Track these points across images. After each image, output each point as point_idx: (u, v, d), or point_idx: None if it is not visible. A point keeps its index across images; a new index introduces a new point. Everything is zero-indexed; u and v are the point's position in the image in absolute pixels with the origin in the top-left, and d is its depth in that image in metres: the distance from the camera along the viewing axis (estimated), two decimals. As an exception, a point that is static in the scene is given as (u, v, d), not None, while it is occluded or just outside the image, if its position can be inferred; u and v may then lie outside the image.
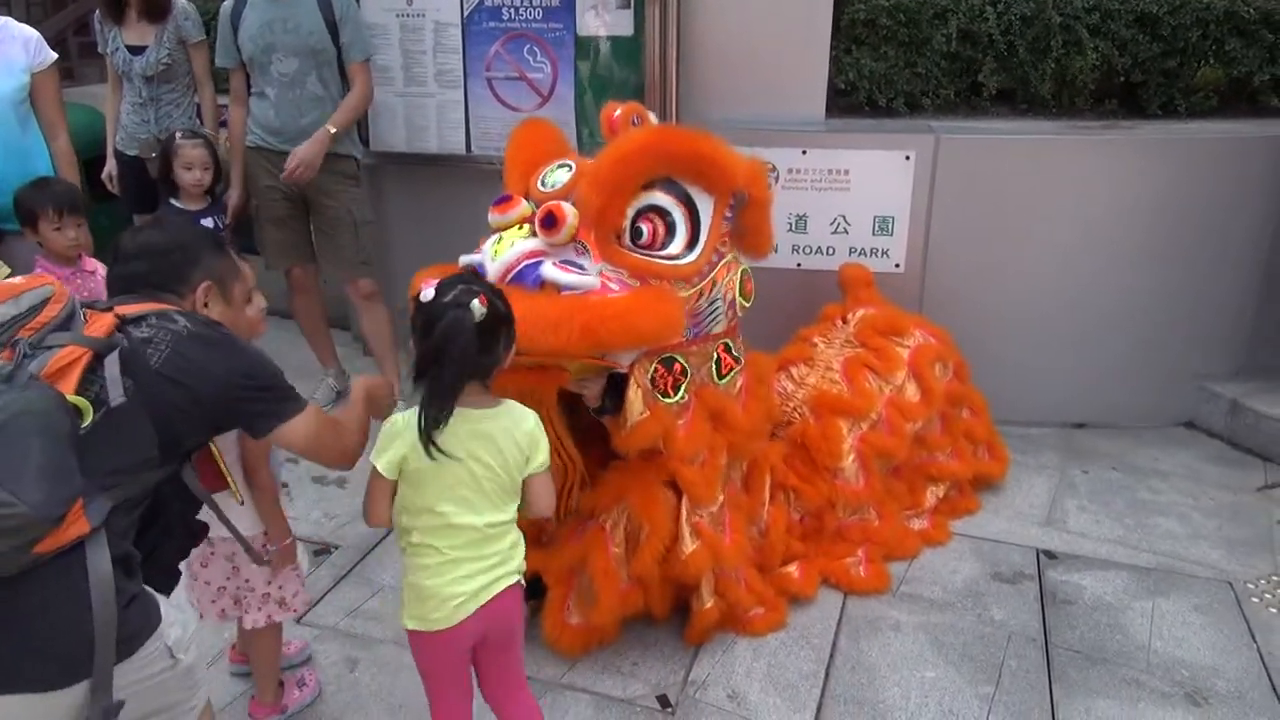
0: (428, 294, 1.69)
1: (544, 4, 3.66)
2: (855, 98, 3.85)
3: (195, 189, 3.41)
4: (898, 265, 3.65)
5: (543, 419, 2.14)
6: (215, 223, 3.45)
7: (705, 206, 2.34)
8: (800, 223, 3.67)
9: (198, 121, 3.80)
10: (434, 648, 1.84)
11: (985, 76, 3.83)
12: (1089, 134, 3.65)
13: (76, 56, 6.35)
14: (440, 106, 3.93)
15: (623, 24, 3.62)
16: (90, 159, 4.24)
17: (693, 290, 2.31)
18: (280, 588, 2.18)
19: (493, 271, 2.17)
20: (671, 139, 2.31)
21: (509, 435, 1.79)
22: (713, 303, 2.37)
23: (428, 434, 1.70)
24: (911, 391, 2.97)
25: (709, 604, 2.45)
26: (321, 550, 3.00)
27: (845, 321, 3.19)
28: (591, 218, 2.18)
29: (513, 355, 1.82)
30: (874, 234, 3.63)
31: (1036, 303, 3.68)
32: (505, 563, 1.84)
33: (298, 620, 2.58)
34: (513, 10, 3.71)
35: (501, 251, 2.18)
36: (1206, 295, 3.69)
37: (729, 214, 2.40)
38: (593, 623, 2.42)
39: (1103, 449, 3.65)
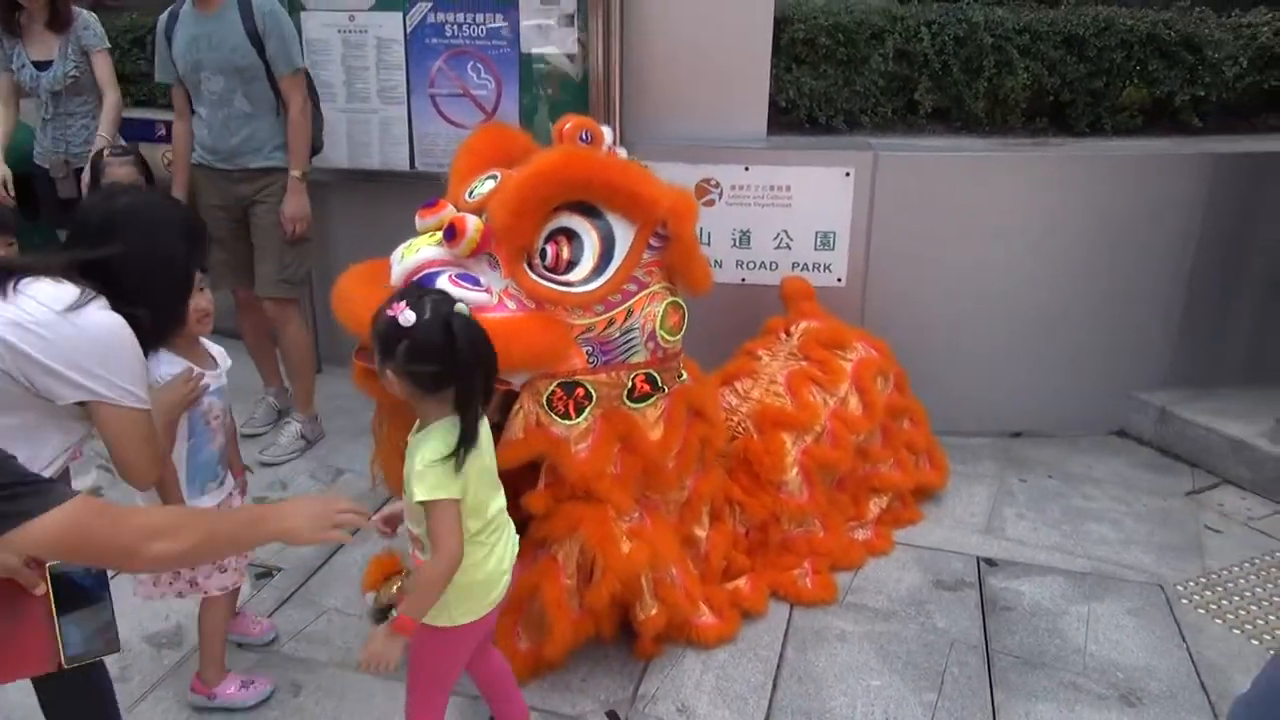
0: (408, 317, 1.69)
1: (487, 22, 3.67)
2: (796, 115, 3.92)
3: None
4: (840, 280, 3.71)
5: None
6: None
7: (623, 234, 2.31)
8: (744, 238, 3.72)
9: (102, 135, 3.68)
10: (474, 634, 1.95)
11: (921, 95, 3.92)
12: (1021, 151, 3.77)
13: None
14: (383, 122, 3.91)
15: (566, 41, 3.65)
16: (21, 174, 4.15)
17: (597, 319, 2.28)
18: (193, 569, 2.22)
19: (396, 275, 2.18)
20: (580, 165, 2.25)
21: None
22: (627, 332, 2.33)
23: (473, 435, 1.76)
24: (854, 404, 3.02)
25: (654, 610, 2.44)
26: (264, 573, 2.95)
27: (788, 334, 3.23)
28: (497, 235, 2.18)
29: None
30: (816, 249, 3.69)
31: (973, 315, 3.77)
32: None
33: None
34: (456, 27, 3.71)
35: (408, 256, 2.19)
36: (1134, 307, 3.82)
37: (655, 242, 2.36)
38: (544, 654, 2.39)
39: (1039, 457, 3.75)
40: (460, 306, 1.76)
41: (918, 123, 4.02)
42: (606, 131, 2.50)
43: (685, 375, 2.57)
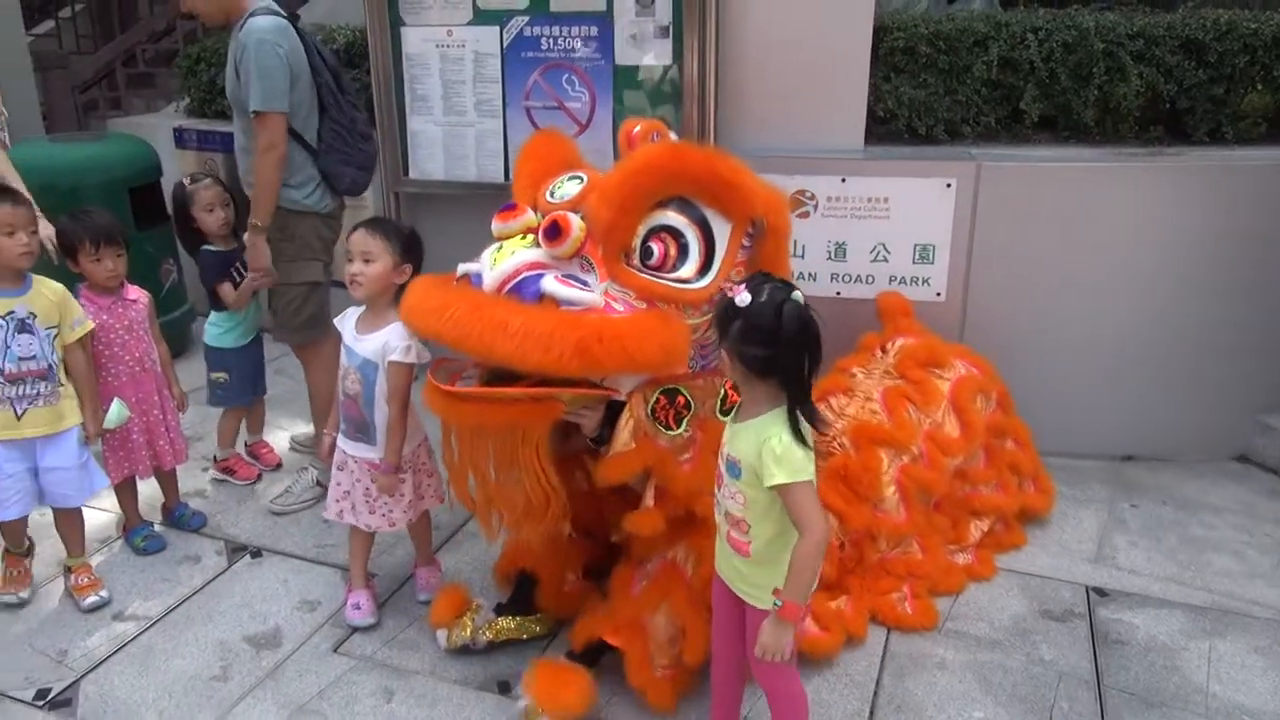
0: (744, 298, 1.77)
1: (582, 34, 3.68)
2: (894, 125, 3.83)
3: (223, 228, 3.34)
4: (939, 294, 3.60)
5: (527, 452, 2.12)
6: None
7: (721, 231, 2.21)
8: (839, 251, 3.63)
9: None
10: None
11: (1027, 103, 3.78)
12: (1134, 161, 3.60)
13: (124, 86, 6.50)
14: (479, 135, 3.95)
15: (661, 53, 3.63)
16: (136, 187, 4.34)
17: (702, 319, 2.19)
18: (390, 510, 2.68)
19: (489, 281, 2.09)
20: (687, 157, 2.17)
21: None
22: None
23: (808, 417, 1.83)
24: (951, 426, 2.91)
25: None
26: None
27: (884, 351, 3.14)
28: (599, 233, 2.09)
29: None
30: (914, 262, 3.59)
31: (1082, 332, 3.61)
32: None
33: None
34: (551, 40, 3.73)
35: (500, 260, 2.11)
36: (1258, 325, 3.59)
37: (746, 242, 2.27)
38: (685, 661, 2.31)
39: (1153, 482, 3.56)
40: (796, 295, 1.80)
41: (1023, 132, 3.88)
42: (673, 134, 2.42)
43: None
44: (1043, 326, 3.61)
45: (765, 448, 1.82)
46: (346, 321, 2.67)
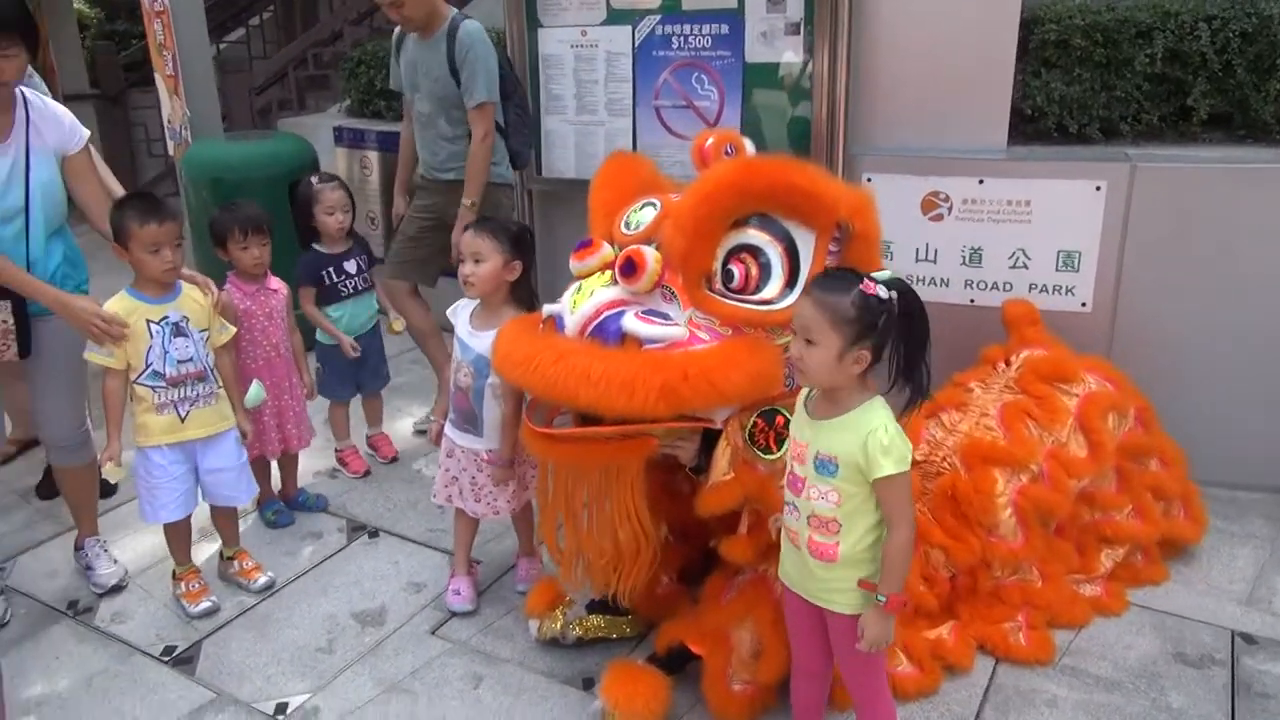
0: (884, 291, 1.78)
1: (713, 32, 3.65)
2: (1044, 124, 3.59)
3: (339, 232, 3.49)
4: (1084, 304, 3.35)
5: (622, 489, 2.10)
6: (358, 265, 3.54)
7: (805, 242, 2.10)
8: (975, 256, 3.45)
9: None
10: None
11: (1196, 99, 3.46)
12: (1319, 163, 3.23)
13: (297, 89, 6.96)
14: (609, 134, 3.99)
15: (792, 50, 3.55)
16: (296, 182, 4.62)
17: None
18: (495, 498, 2.75)
19: (571, 325, 2.08)
20: (758, 173, 2.08)
21: None
22: None
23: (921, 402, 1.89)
24: (1077, 445, 2.69)
25: None
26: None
27: (1008, 364, 2.93)
28: (676, 262, 2.04)
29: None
30: (1057, 270, 3.35)
31: (1247, 351, 3.26)
32: None
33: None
34: (682, 39, 3.72)
35: (580, 302, 2.08)
36: None
37: (833, 247, 2.16)
38: (760, 680, 2.25)
39: (1325, 521, 3.19)
40: (901, 279, 1.84)
41: (1190, 131, 3.56)
42: (748, 144, 2.33)
43: None
44: (1201, 342, 3.30)
45: (871, 439, 1.79)
46: (460, 315, 2.74)
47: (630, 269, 2.03)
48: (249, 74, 6.57)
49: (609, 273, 2.12)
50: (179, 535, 2.85)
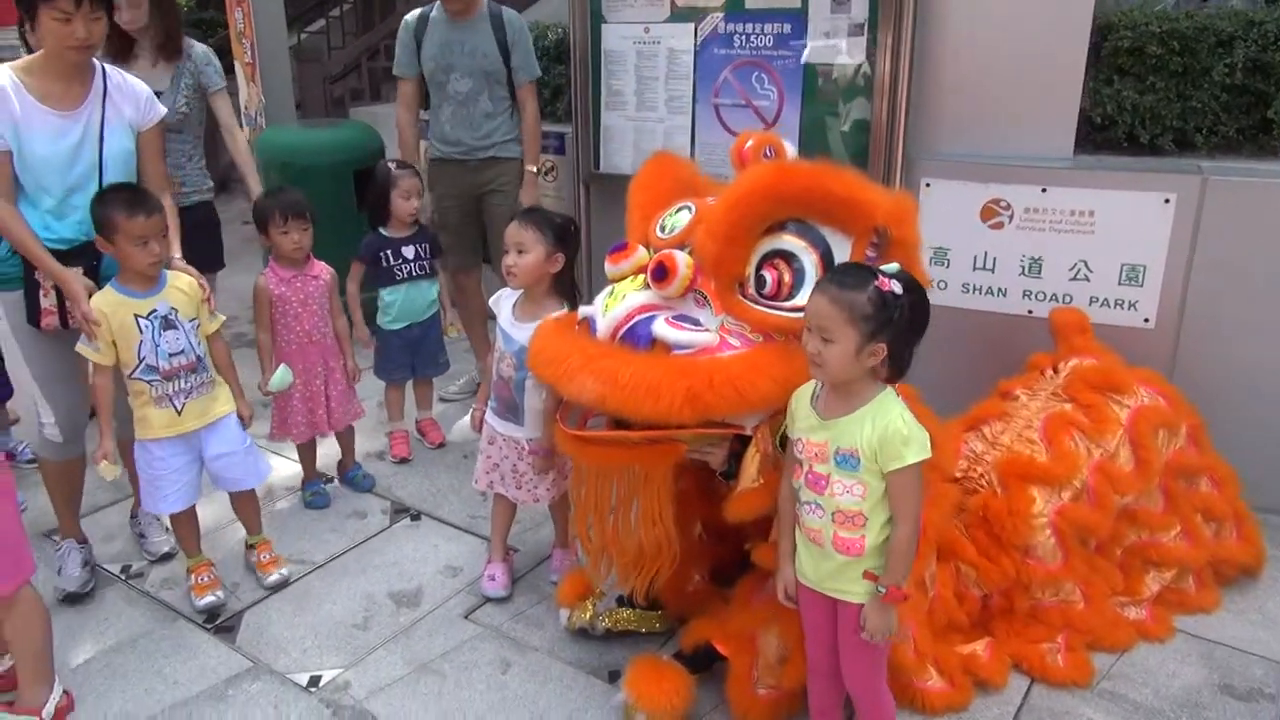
0: (897, 286, 1.80)
1: (775, 31, 3.62)
2: (1113, 133, 3.49)
3: (410, 216, 3.57)
4: (1147, 320, 3.24)
5: (649, 493, 2.11)
6: (418, 251, 3.61)
7: (841, 247, 2.08)
8: (1034, 266, 3.36)
9: (207, 176, 3.64)
10: None
11: (1277, 111, 3.33)
12: (1407, 182, 3.08)
13: (368, 78, 7.10)
14: (668, 131, 3.98)
15: (855, 50, 3.50)
16: (361, 170, 4.73)
17: None
18: (534, 486, 2.79)
19: (602, 328, 2.08)
20: (792, 178, 2.06)
21: None
22: None
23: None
24: (1126, 458, 2.60)
25: None
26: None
27: (1055, 372, 2.86)
28: (708, 267, 2.04)
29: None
30: (1120, 283, 3.25)
31: (1319, 375, 3.14)
32: None
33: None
34: (744, 38, 3.70)
35: (612, 306, 2.09)
36: None
37: (871, 253, 2.12)
38: (784, 686, 2.24)
39: (1396, 557, 3.03)
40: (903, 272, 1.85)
41: (1270, 144, 3.43)
42: (789, 146, 2.30)
43: None
44: (1270, 364, 3.17)
45: (891, 430, 1.81)
46: (503, 304, 2.77)
47: (661, 274, 2.04)
48: (325, 63, 6.73)
49: (642, 277, 2.13)
50: (186, 527, 2.85)
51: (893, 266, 1.85)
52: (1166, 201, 3.15)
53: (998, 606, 2.56)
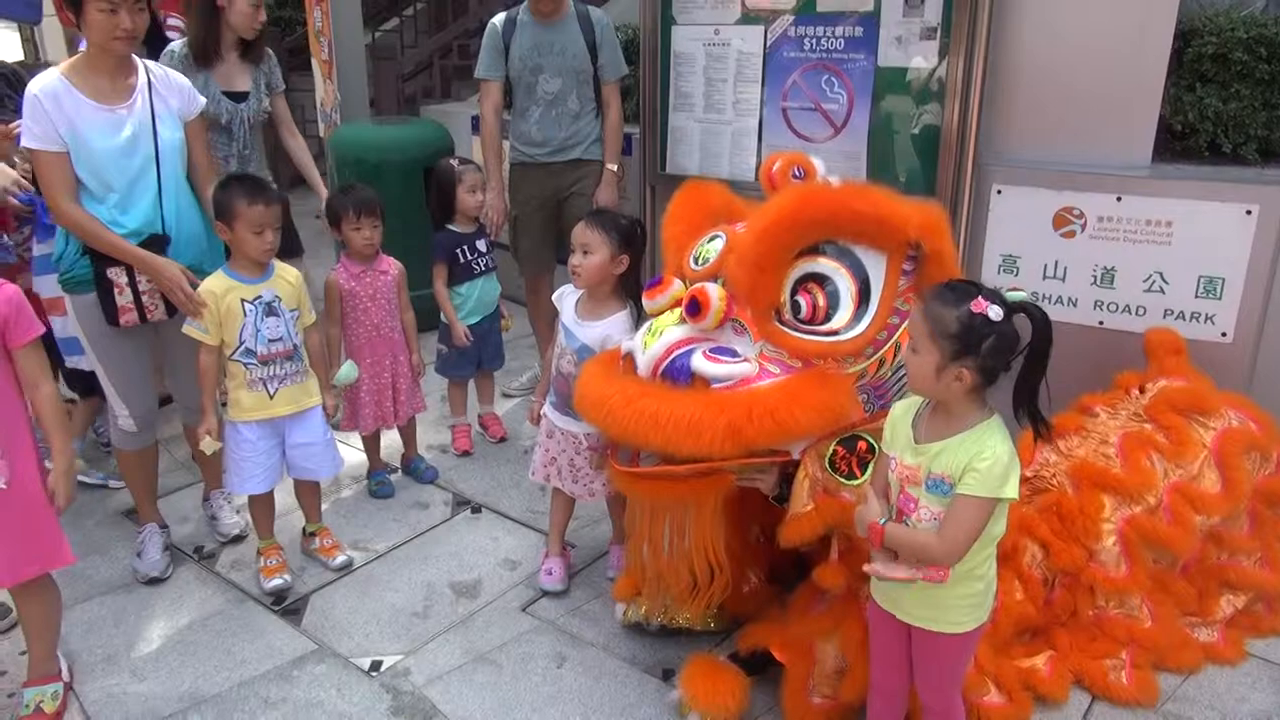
0: (997, 311, 1.70)
1: (846, 34, 3.60)
2: (1193, 141, 3.40)
3: (476, 210, 3.65)
4: (1224, 334, 3.15)
5: (700, 524, 2.12)
6: (487, 244, 3.68)
7: (875, 266, 2.07)
8: (1107, 277, 3.29)
9: (267, 170, 3.73)
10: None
11: (1368, 122, 3.22)
12: None
13: (440, 77, 7.22)
14: (735, 134, 3.98)
15: (926, 54, 3.47)
16: (431, 167, 4.81)
17: (869, 362, 2.07)
18: (591, 480, 2.80)
19: (643, 367, 2.10)
20: (816, 203, 2.05)
21: None
22: (899, 369, 2.09)
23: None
24: (1210, 480, 2.54)
25: None
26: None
27: (1141, 392, 2.79)
28: (742, 296, 2.04)
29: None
30: (1197, 296, 3.17)
31: None
32: None
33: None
34: (814, 41, 3.68)
35: (651, 343, 2.10)
36: None
37: (908, 266, 2.10)
38: (841, 698, 2.23)
39: None
40: (1023, 295, 1.76)
41: (1361, 156, 3.31)
42: (818, 164, 2.28)
43: None
44: (1356, 385, 3.06)
45: (992, 459, 1.72)
46: (566, 301, 2.81)
47: (695, 309, 2.05)
48: (398, 61, 6.87)
49: (679, 310, 2.13)
50: (263, 509, 2.95)
51: (1018, 294, 1.76)
52: (1249, 213, 3.05)
53: (1061, 604, 2.50)
